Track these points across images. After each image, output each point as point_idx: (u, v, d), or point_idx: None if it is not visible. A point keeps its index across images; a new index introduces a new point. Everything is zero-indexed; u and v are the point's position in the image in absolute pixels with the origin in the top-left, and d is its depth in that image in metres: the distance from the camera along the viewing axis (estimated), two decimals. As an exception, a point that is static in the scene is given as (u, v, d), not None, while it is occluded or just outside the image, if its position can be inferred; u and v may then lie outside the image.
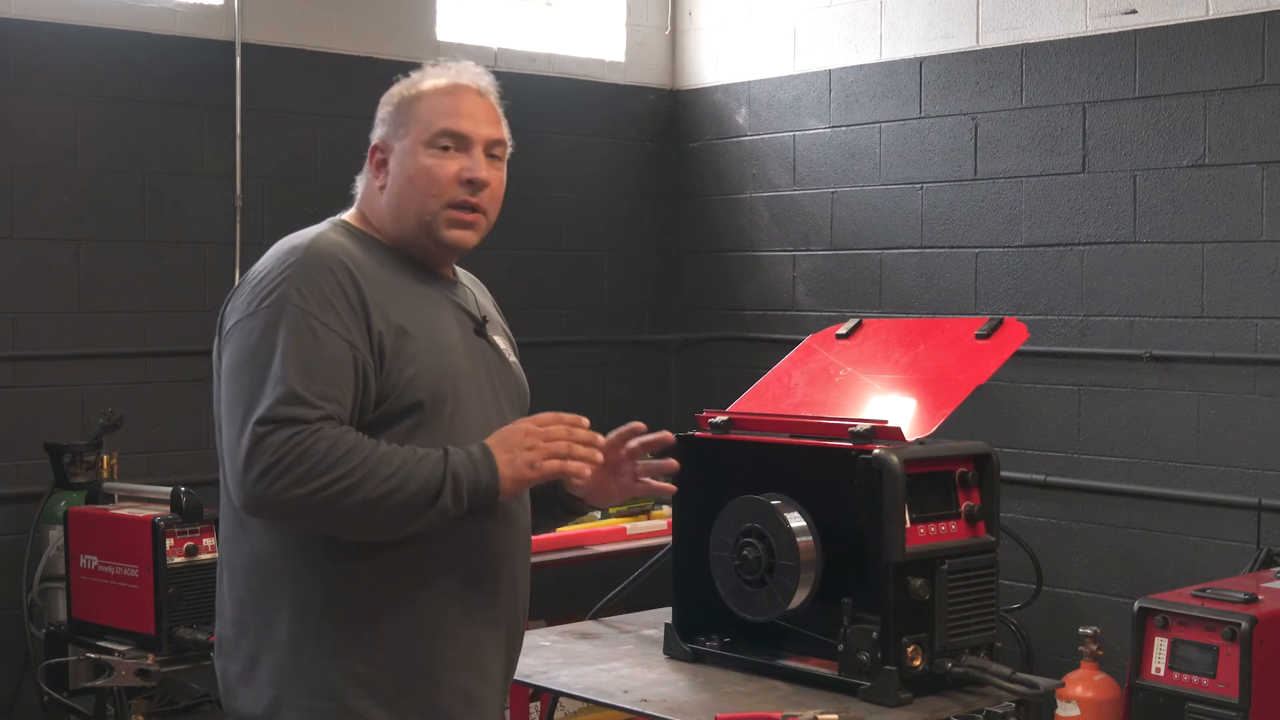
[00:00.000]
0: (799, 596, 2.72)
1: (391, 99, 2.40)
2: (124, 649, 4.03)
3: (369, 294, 2.24)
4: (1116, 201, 5.03)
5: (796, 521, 2.73)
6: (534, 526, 2.51)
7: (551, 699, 3.75)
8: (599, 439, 2.31)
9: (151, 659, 3.96)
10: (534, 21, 6.18)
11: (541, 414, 2.30)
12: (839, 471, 2.71)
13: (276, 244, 2.32)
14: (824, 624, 2.73)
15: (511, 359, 2.50)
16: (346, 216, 2.41)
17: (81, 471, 4.62)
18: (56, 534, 4.45)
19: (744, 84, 6.25)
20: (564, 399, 2.34)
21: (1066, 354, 5.16)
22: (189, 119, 5.21)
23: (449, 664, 2.29)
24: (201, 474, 4.54)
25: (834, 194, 5.89)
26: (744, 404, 3.14)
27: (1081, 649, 4.57)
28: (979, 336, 3.03)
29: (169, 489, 4.15)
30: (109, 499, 4.41)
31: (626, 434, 2.43)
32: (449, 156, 2.33)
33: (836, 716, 2.53)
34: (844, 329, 3.26)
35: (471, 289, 2.51)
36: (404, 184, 2.34)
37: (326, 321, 2.18)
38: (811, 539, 2.72)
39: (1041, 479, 5.21)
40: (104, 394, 4.96)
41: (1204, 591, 3.87)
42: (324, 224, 2.37)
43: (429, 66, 2.41)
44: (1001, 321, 3.05)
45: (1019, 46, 5.28)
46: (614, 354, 6.36)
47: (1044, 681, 2.73)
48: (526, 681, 2.88)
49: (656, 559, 3.31)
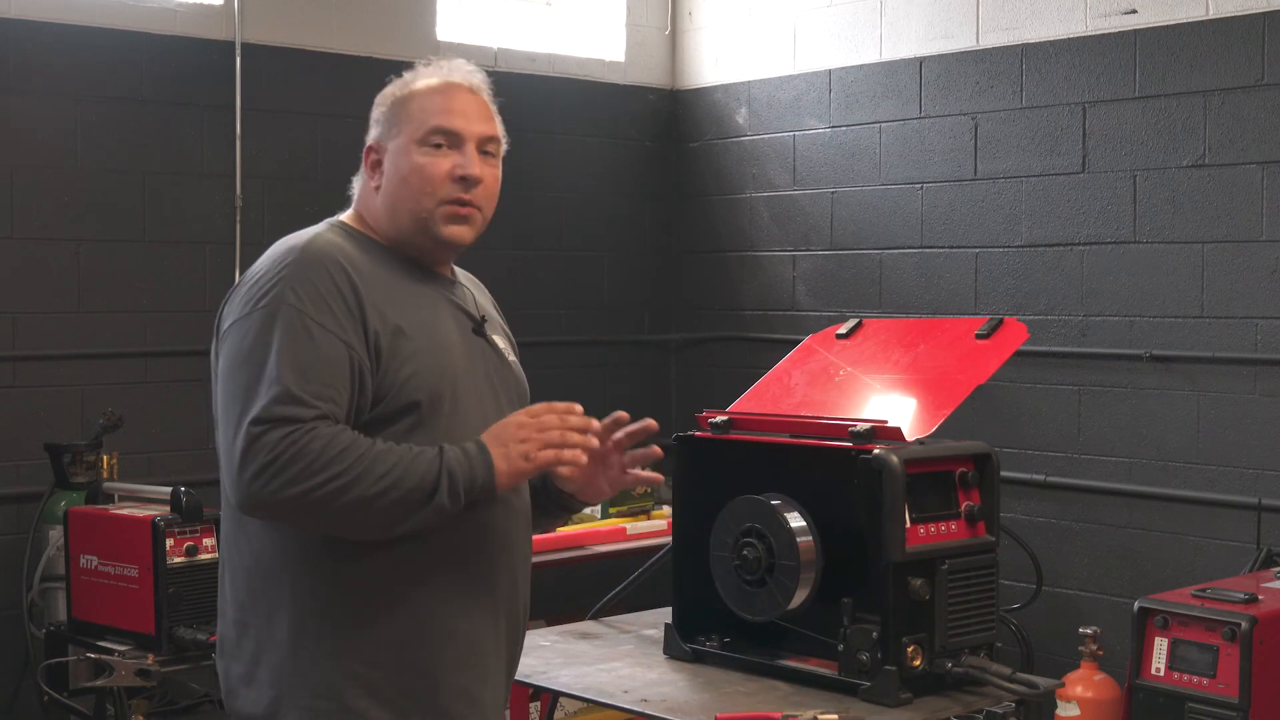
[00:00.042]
0: (799, 596, 2.72)
1: (384, 100, 2.40)
2: (124, 649, 4.03)
3: (365, 294, 2.24)
4: (1116, 201, 5.02)
5: (796, 521, 2.73)
6: (533, 526, 2.51)
7: (551, 699, 3.75)
8: (593, 424, 2.30)
9: (151, 659, 3.96)
10: (534, 21, 6.18)
11: (534, 405, 2.30)
12: (839, 471, 2.71)
13: (273, 245, 2.32)
14: (824, 624, 2.72)
15: (511, 358, 2.50)
16: (344, 217, 2.42)
17: (81, 471, 4.62)
18: (56, 534, 4.45)
19: (744, 84, 6.25)
20: (564, 399, 2.33)
21: (1066, 354, 5.16)
22: (189, 119, 5.21)
23: (449, 663, 2.29)
24: (201, 474, 4.54)
25: (834, 194, 5.89)
26: (744, 404, 3.14)
27: (1081, 649, 4.57)
28: (979, 336, 3.02)
29: (169, 489, 4.15)
30: (109, 499, 4.41)
31: (611, 425, 2.41)
32: (442, 154, 2.33)
33: (836, 716, 2.52)
34: (844, 329, 3.26)
35: (470, 288, 2.51)
36: (398, 183, 2.34)
37: (322, 321, 2.18)
38: (811, 539, 2.72)
39: (1041, 479, 5.21)
40: (104, 394, 4.96)
41: (1204, 591, 3.87)
42: (321, 225, 2.37)
43: (421, 66, 2.42)
44: (1001, 321, 3.04)
45: (1019, 46, 5.28)
46: (614, 354, 6.36)
47: (1044, 681, 2.73)
48: (526, 681, 2.87)
49: (656, 559, 3.30)
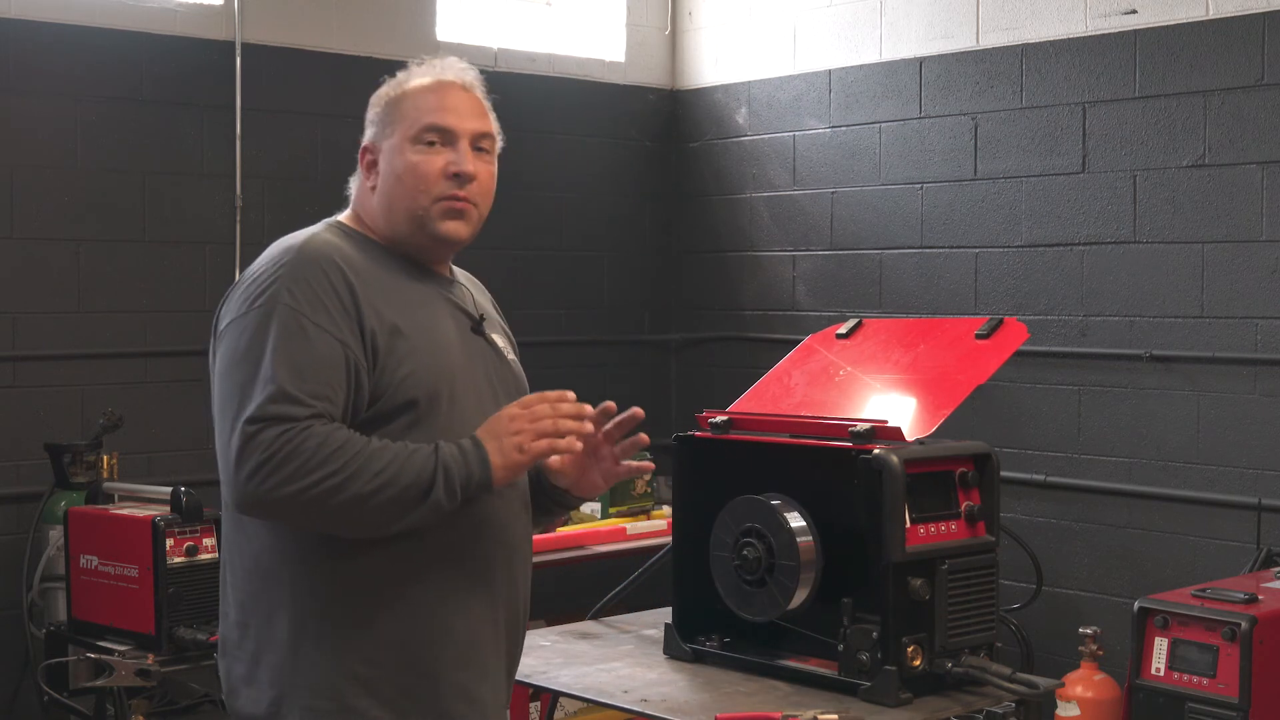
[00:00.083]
0: (799, 596, 2.72)
1: (378, 100, 2.41)
2: (124, 649, 4.03)
3: (362, 293, 2.24)
4: (1116, 201, 5.02)
5: (796, 521, 2.73)
6: (533, 523, 2.50)
7: (551, 699, 3.75)
8: (586, 409, 2.29)
9: (151, 659, 3.97)
10: (534, 21, 6.18)
11: (525, 396, 2.30)
12: (839, 471, 2.71)
13: (271, 245, 2.33)
14: (824, 624, 2.72)
15: (510, 356, 2.50)
16: (341, 217, 2.42)
17: (81, 471, 4.62)
18: (56, 534, 4.45)
19: (744, 84, 6.25)
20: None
21: (1066, 354, 5.16)
22: (189, 119, 5.21)
23: (448, 661, 2.29)
24: (201, 474, 4.54)
25: (834, 194, 5.89)
26: (744, 404, 3.14)
27: (1081, 649, 4.57)
28: (979, 336, 3.02)
29: (169, 489, 4.15)
30: (109, 499, 4.41)
31: (600, 415, 2.39)
32: (435, 152, 2.33)
33: (836, 716, 2.52)
34: (844, 329, 3.26)
35: (469, 287, 2.51)
36: (393, 182, 2.34)
37: (318, 321, 2.19)
38: (811, 539, 2.72)
39: (1041, 479, 5.21)
40: (104, 394, 4.96)
41: (1204, 591, 3.87)
42: (318, 225, 2.38)
43: (414, 66, 2.42)
44: (1001, 321, 3.04)
45: (1019, 46, 5.28)
46: (614, 354, 6.36)
47: (1044, 681, 2.73)
48: (526, 681, 2.87)
49: (656, 559, 3.30)
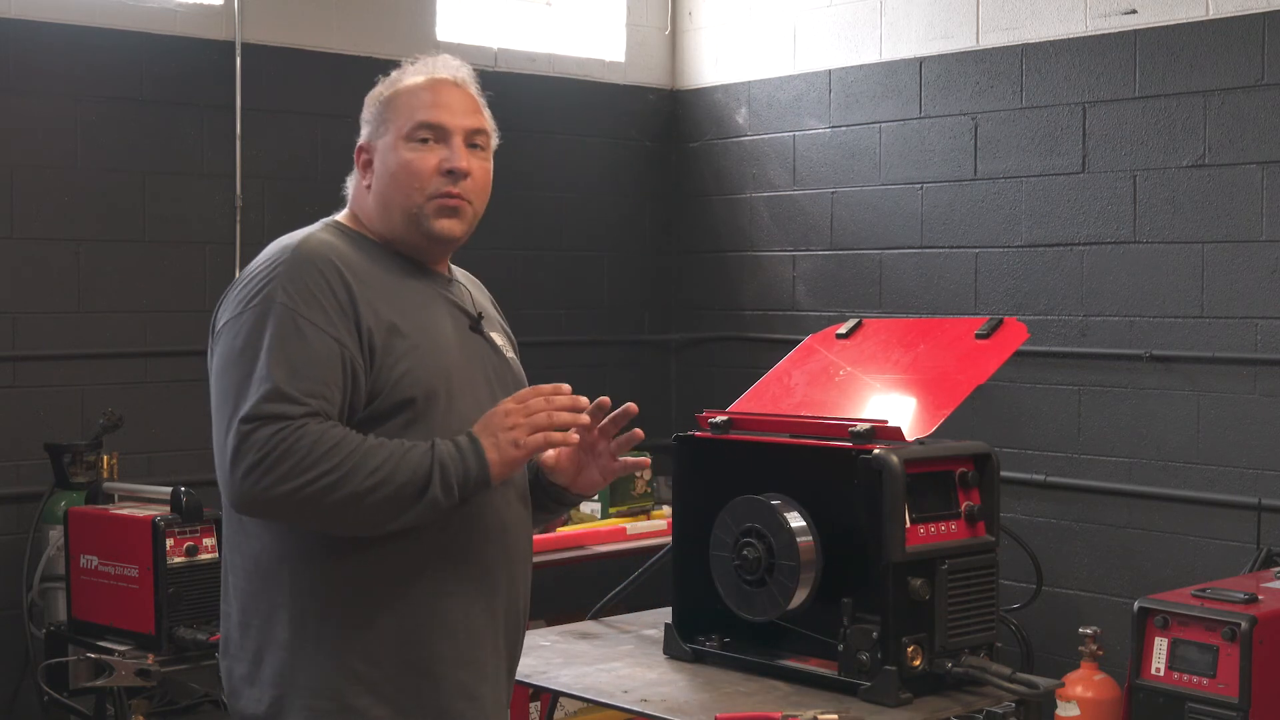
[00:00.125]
0: (799, 596, 2.72)
1: (373, 100, 2.41)
2: (124, 649, 4.03)
3: (358, 292, 2.24)
4: (1116, 201, 5.02)
5: (796, 521, 2.73)
6: (533, 522, 2.50)
7: (551, 699, 3.75)
8: (581, 401, 2.28)
9: (151, 659, 3.97)
10: (534, 21, 6.18)
11: (520, 391, 2.30)
12: (839, 471, 2.71)
13: (268, 245, 2.33)
14: (824, 624, 2.72)
15: (509, 355, 2.50)
16: (339, 217, 2.43)
17: (81, 471, 4.62)
18: (56, 534, 4.45)
19: (744, 84, 6.25)
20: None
21: (1066, 354, 5.16)
22: (189, 119, 5.21)
23: (449, 660, 2.29)
24: (201, 474, 4.53)
25: (834, 194, 5.89)
26: (744, 404, 3.14)
27: (1081, 649, 4.57)
28: (979, 336, 3.02)
29: (169, 489, 4.15)
30: (109, 499, 4.41)
31: (595, 411, 2.38)
32: (429, 149, 2.34)
33: (836, 716, 2.53)
34: (844, 329, 3.26)
35: (467, 286, 2.51)
36: (388, 180, 2.35)
37: (313, 319, 2.19)
38: (811, 539, 2.72)
39: (1041, 479, 5.21)
40: (104, 394, 4.96)
41: (1204, 591, 3.87)
42: (316, 225, 2.38)
43: (407, 65, 2.43)
44: (1001, 321, 3.04)
45: (1019, 46, 5.28)
46: (614, 354, 6.36)
47: (1044, 681, 2.73)
48: (526, 681, 2.87)
49: (656, 559, 3.30)
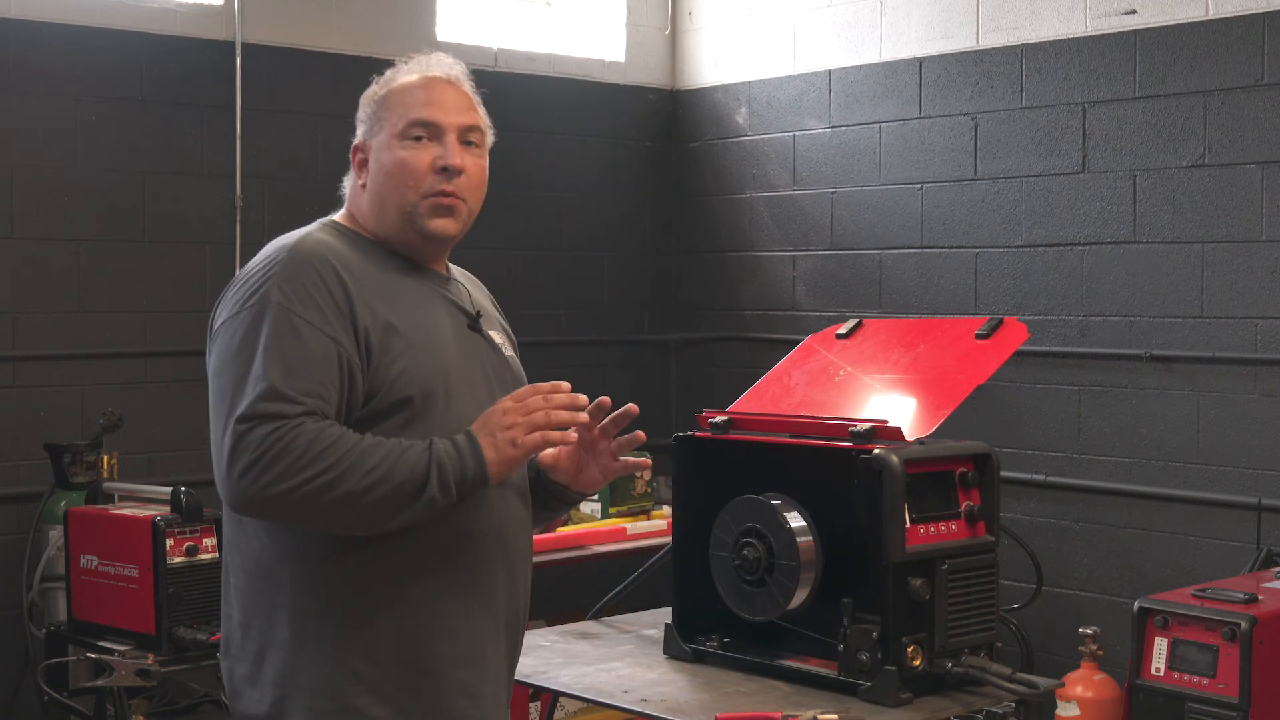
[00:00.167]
0: (799, 596, 2.72)
1: (367, 99, 2.42)
2: (124, 649, 4.03)
3: (355, 291, 2.24)
4: (1116, 201, 5.02)
5: (796, 521, 2.73)
6: (534, 522, 2.49)
7: (551, 699, 3.75)
8: (580, 400, 2.28)
9: (151, 659, 3.97)
10: (534, 21, 6.18)
11: (519, 389, 2.29)
12: (839, 471, 2.71)
13: (265, 246, 2.33)
14: (824, 624, 2.72)
15: (509, 353, 2.49)
16: (336, 217, 2.43)
17: (81, 471, 4.62)
18: (56, 534, 4.45)
19: (744, 84, 6.25)
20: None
21: (1066, 354, 5.16)
22: (189, 119, 5.21)
23: (450, 660, 2.29)
24: (201, 474, 4.50)
25: (834, 194, 5.89)
26: (744, 404, 3.14)
27: (1081, 649, 4.57)
28: (979, 336, 3.02)
29: (169, 489, 4.15)
30: (109, 499, 4.41)
31: (595, 410, 2.38)
32: (422, 147, 2.34)
33: (836, 716, 2.52)
34: (844, 329, 3.26)
35: (466, 284, 2.51)
36: (382, 179, 2.35)
37: (309, 319, 2.19)
38: (811, 539, 2.72)
39: (1041, 479, 5.21)
40: (104, 394, 4.96)
41: (1204, 591, 3.87)
42: (313, 225, 2.38)
43: (401, 64, 2.43)
44: (1001, 321, 3.04)
45: (1019, 46, 5.28)
46: (614, 354, 6.36)
47: (1044, 681, 2.73)
48: (526, 681, 2.87)
49: (656, 559, 3.30)
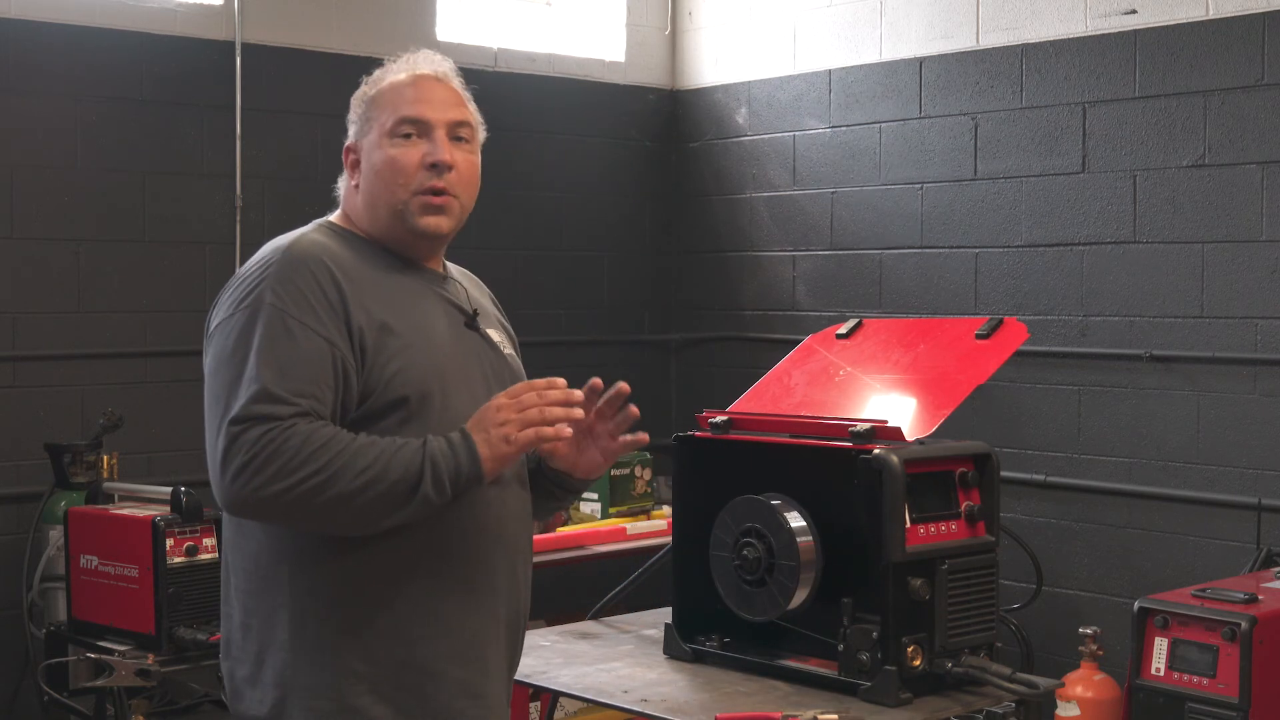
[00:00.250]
0: (799, 596, 2.72)
1: (358, 100, 2.42)
2: (124, 649, 4.03)
3: (350, 291, 2.24)
4: (1116, 201, 5.02)
5: (796, 521, 2.73)
6: (535, 512, 2.50)
7: (551, 699, 3.75)
8: (574, 395, 2.28)
9: (151, 659, 3.96)
10: (534, 21, 6.17)
11: (514, 385, 2.29)
12: (839, 471, 2.71)
13: (261, 247, 2.33)
14: (824, 624, 2.72)
15: (508, 351, 2.49)
16: (332, 218, 2.43)
17: (81, 471, 4.62)
18: (56, 534, 4.45)
19: (744, 84, 6.25)
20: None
21: (1066, 354, 5.16)
22: (189, 119, 5.21)
23: (450, 659, 2.28)
24: (201, 474, 4.47)
25: (834, 194, 5.89)
26: (744, 404, 3.14)
27: (1081, 649, 4.57)
28: (979, 336, 3.02)
29: (169, 489, 4.15)
30: (109, 499, 4.41)
31: (589, 394, 2.38)
32: (411, 144, 2.34)
33: (836, 716, 2.52)
34: (844, 329, 3.26)
35: (463, 283, 2.51)
36: (373, 178, 2.35)
37: (303, 319, 2.19)
38: (811, 539, 2.72)
39: (1041, 479, 5.21)
40: (104, 394, 4.96)
41: (1204, 591, 3.87)
42: (309, 225, 2.39)
43: (389, 63, 2.43)
44: (1001, 321, 3.04)
45: (1019, 46, 5.28)
46: (614, 354, 6.36)
47: (1044, 681, 2.73)
48: (526, 681, 2.87)
49: (656, 559, 3.30)
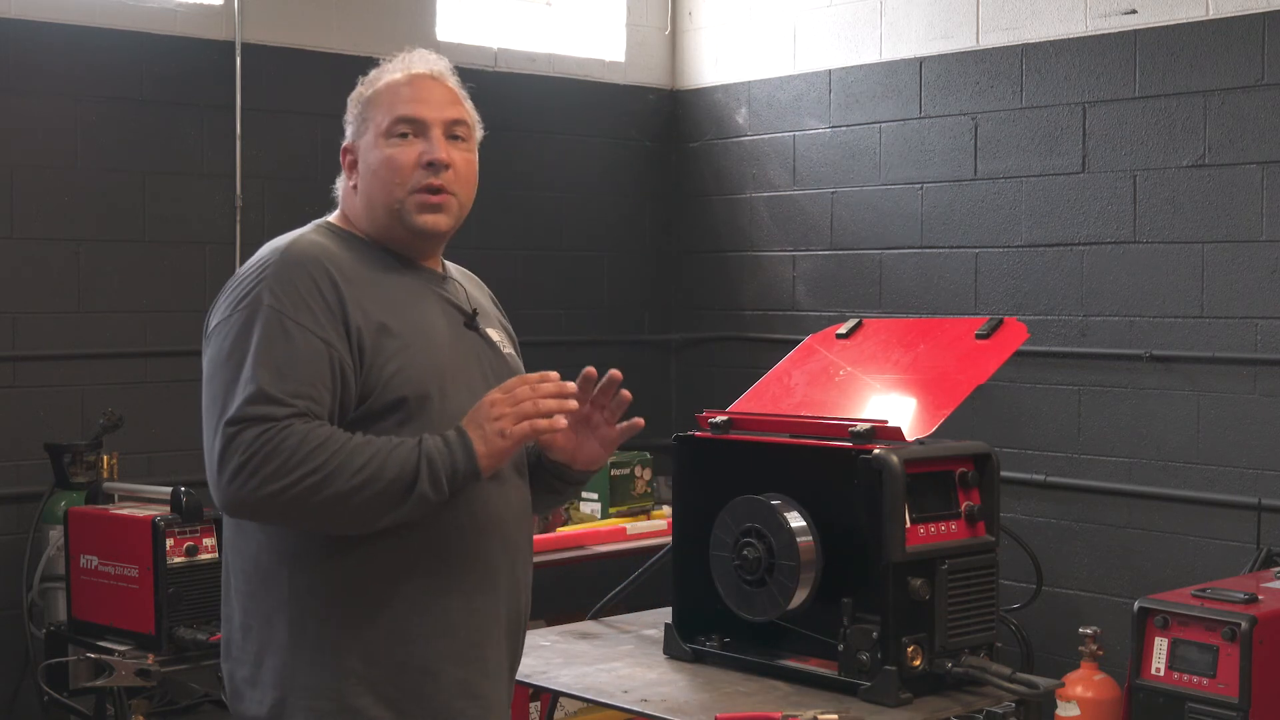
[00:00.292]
0: (799, 596, 2.72)
1: (354, 100, 2.42)
2: (124, 649, 4.03)
3: (347, 292, 2.24)
4: (1116, 201, 5.02)
5: (796, 521, 2.73)
6: (539, 506, 2.50)
7: (551, 699, 3.75)
8: (568, 388, 2.28)
9: (151, 659, 3.97)
10: (534, 21, 6.17)
11: (507, 380, 2.29)
12: (839, 471, 2.71)
13: (260, 248, 2.34)
14: (824, 624, 2.72)
15: (507, 351, 2.49)
16: (330, 218, 2.43)
17: (81, 471, 4.62)
18: (56, 534, 4.45)
19: (744, 84, 6.25)
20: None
21: (1066, 354, 5.16)
22: (189, 119, 5.21)
23: (450, 658, 2.28)
24: (201, 474, 4.48)
25: (834, 194, 5.89)
26: (744, 404, 3.14)
27: (1081, 649, 4.57)
28: (979, 336, 3.02)
29: (169, 489, 4.15)
30: (109, 499, 4.41)
31: (583, 384, 2.39)
32: (408, 143, 2.34)
33: (836, 716, 2.53)
34: (844, 329, 3.26)
35: (462, 282, 2.51)
36: (370, 178, 2.36)
37: (300, 320, 2.19)
38: (811, 539, 2.72)
39: (1041, 479, 5.21)
40: (104, 394, 4.96)
41: (1204, 591, 3.87)
42: (307, 226, 2.39)
43: (385, 63, 2.43)
44: (1001, 321, 3.05)
45: (1019, 46, 5.28)
46: (614, 354, 6.34)
47: (1044, 681, 2.73)
48: (526, 681, 2.87)
49: (656, 559, 3.30)
